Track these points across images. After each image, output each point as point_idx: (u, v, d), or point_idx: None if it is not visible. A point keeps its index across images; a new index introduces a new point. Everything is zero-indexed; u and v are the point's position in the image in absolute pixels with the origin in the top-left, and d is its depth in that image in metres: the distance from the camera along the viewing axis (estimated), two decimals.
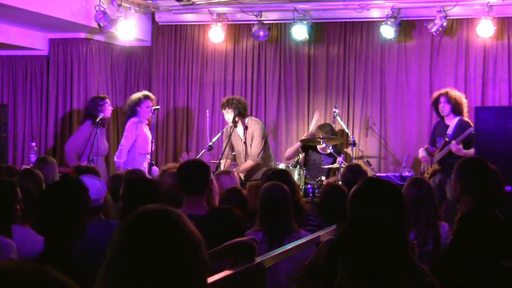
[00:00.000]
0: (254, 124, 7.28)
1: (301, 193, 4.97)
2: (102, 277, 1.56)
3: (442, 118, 7.32)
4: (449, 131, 7.08)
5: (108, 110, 7.64)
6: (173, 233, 1.57)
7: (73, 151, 7.54)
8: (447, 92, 7.24)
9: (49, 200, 2.78)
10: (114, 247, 1.58)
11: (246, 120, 7.31)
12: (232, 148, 7.40)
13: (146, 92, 7.87)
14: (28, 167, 6.11)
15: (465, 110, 7.24)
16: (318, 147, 7.70)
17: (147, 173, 7.07)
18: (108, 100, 7.70)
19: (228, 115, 7.21)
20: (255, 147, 7.19)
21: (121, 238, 1.59)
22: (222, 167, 7.12)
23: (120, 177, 4.87)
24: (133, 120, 7.62)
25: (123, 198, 3.80)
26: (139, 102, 7.66)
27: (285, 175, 4.69)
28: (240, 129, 7.27)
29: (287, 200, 3.94)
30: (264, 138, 7.30)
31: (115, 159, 7.60)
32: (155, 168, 7.32)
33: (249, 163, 7.17)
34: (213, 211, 3.49)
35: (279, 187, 3.99)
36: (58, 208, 2.71)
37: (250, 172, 7.18)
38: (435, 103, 7.33)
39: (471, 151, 6.60)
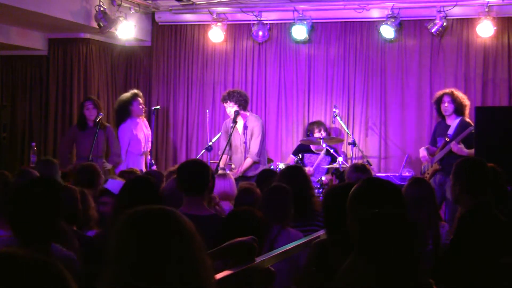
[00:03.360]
0: (254, 120, 7.23)
1: (314, 191, 4.94)
2: (105, 278, 1.56)
3: (443, 118, 7.29)
4: (450, 131, 7.06)
5: (88, 111, 7.48)
6: (174, 232, 1.56)
7: (62, 153, 7.63)
8: (452, 92, 7.21)
9: (18, 201, 2.76)
10: (113, 248, 1.57)
11: (247, 115, 7.27)
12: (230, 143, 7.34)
13: (134, 91, 7.88)
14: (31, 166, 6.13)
15: (467, 111, 7.21)
16: (312, 147, 7.70)
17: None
18: (87, 102, 7.51)
19: (230, 108, 7.15)
20: (255, 146, 7.12)
21: (119, 238, 1.58)
22: (221, 164, 7.13)
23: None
24: (123, 126, 7.65)
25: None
26: (131, 101, 7.69)
27: (299, 171, 4.68)
28: (239, 124, 7.24)
29: (290, 200, 3.97)
30: (263, 136, 7.27)
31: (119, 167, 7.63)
32: (154, 168, 7.34)
33: (248, 161, 7.12)
34: (234, 212, 3.48)
35: (283, 188, 4.03)
36: (27, 209, 2.68)
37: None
38: (438, 102, 7.28)
39: (473, 150, 6.57)
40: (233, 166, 7.27)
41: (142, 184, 3.61)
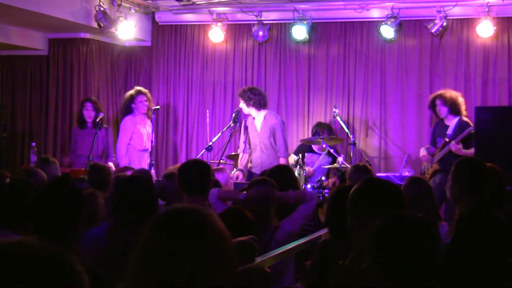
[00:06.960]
0: (273, 118, 7.26)
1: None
2: (131, 274, 1.55)
3: (441, 119, 7.32)
4: (449, 131, 7.07)
5: (87, 112, 7.63)
6: (205, 233, 1.56)
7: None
8: (441, 95, 7.23)
9: (43, 201, 2.76)
10: (143, 246, 1.57)
11: (266, 113, 7.25)
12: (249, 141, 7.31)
13: (138, 88, 7.91)
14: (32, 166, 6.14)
15: (463, 108, 7.24)
16: (314, 147, 7.69)
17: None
18: (87, 103, 7.68)
19: (241, 105, 7.23)
20: (281, 143, 7.17)
21: (149, 237, 1.57)
22: (239, 162, 7.21)
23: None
24: (125, 119, 7.70)
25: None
26: (132, 98, 7.72)
27: (287, 170, 4.67)
28: (258, 121, 7.25)
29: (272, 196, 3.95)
30: (285, 132, 7.34)
31: (117, 160, 7.65)
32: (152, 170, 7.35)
33: (282, 161, 7.13)
34: (226, 211, 3.47)
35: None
36: (52, 210, 2.70)
37: (265, 164, 7.01)
38: (432, 105, 7.33)
39: (471, 150, 6.58)
40: (250, 165, 7.29)
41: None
